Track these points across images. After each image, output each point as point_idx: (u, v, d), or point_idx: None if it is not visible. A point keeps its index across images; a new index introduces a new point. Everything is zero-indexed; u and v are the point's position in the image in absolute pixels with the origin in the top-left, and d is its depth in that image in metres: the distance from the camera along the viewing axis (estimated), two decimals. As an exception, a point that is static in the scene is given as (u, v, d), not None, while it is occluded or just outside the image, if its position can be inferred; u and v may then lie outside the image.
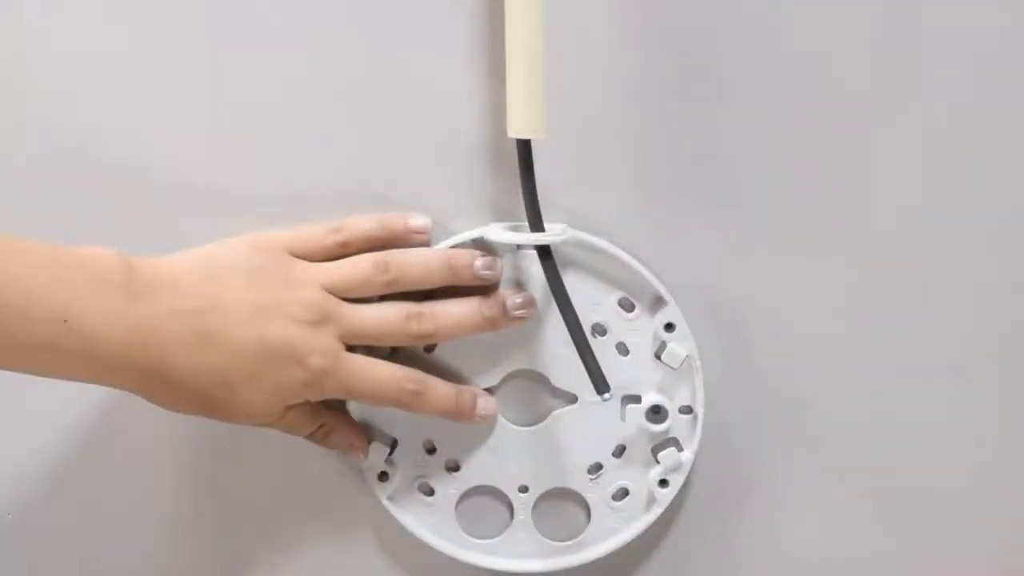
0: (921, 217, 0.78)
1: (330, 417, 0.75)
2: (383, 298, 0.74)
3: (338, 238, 0.73)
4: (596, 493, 0.79)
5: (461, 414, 0.76)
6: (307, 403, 0.73)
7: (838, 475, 0.81)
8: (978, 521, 0.81)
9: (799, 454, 0.80)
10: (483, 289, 0.75)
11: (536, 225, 0.73)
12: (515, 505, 0.79)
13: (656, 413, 0.77)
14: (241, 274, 0.70)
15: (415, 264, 0.73)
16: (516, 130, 0.72)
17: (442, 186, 0.76)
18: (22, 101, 0.75)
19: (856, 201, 0.78)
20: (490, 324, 0.74)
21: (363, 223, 0.74)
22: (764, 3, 0.75)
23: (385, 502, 0.78)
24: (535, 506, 0.79)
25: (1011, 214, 0.78)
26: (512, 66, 0.71)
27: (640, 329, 0.77)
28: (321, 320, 0.71)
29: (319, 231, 0.74)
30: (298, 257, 0.73)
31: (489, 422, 0.77)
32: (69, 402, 0.78)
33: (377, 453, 0.77)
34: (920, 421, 0.80)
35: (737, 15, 0.75)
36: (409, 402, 0.73)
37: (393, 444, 0.78)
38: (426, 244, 0.75)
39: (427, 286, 0.74)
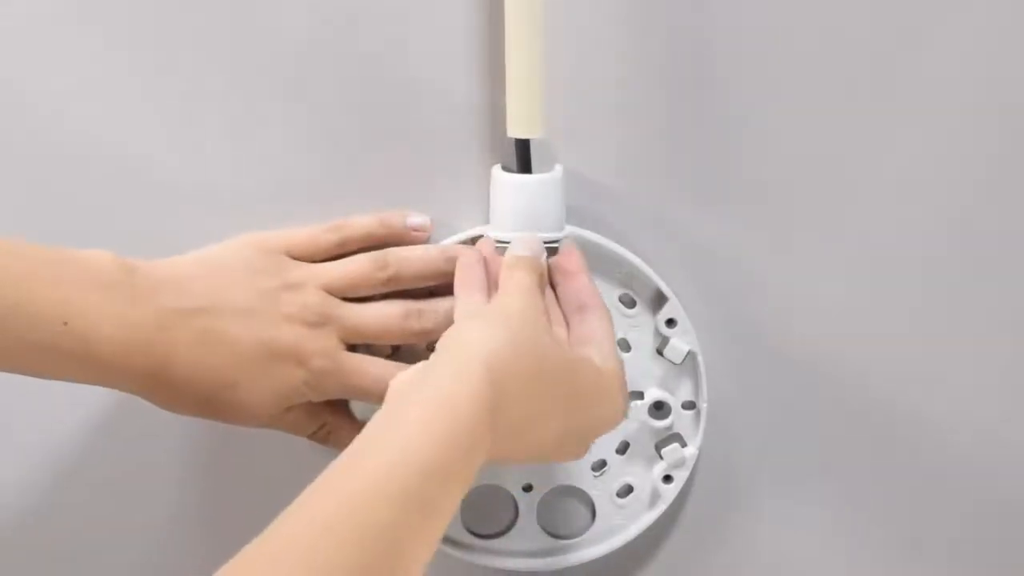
0: (926, 210, 0.78)
1: (332, 416, 0.75)
2: (384, 298, 0.74)
3: (336, 237, 0.73)
4: (600, 490, 0.79)
5: None
6: (308, 403, 0.73)
7: (843, 470, 0.81)
8: (979, 515, 0.82)
9: (803, 448, 0.80)
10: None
11: None
12: (519, 503, 0.79)
13: (659, 409, 0.77)
14: (241, 275, 0.70)
15: (413, 260, 0.73)
16: (515, 130, 0.72)
17: (442, 186, 0.76)
18: (19, 101, 0.75)
19: (860, 194, 0.77)
20: (490, 320, 0.74)
21: (361, 222, 0.74)
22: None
23: (389, 502, 0.78)
24: (539, 504, 0.79)
25: (1018, 207, 0.78)
26: (511, 65, 0.71)
27: (641, 325, 0.77)
28: (321, 321, 0.71)
29: (317, 231, 0.74)
30: (297, 258, 0.73)
31: None
32: (71, 404, 0.78)
33: (381, 453, 0.77)
34: (926, 413, 0.80)
35: (738, 10, 0.74)
36: None
37: (397, 444, 0.78)
38: (425, 242, 0.75)
39: (427, 282, 0.74)
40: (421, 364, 0.62)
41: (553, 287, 0.72)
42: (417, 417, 0.56)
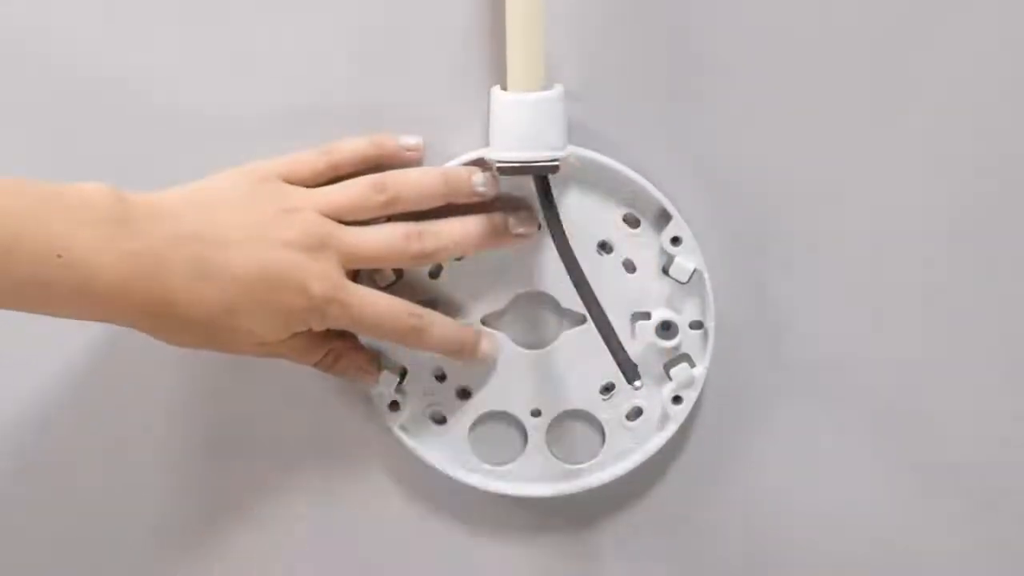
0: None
1: (338, 342, 0.74)
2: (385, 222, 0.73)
3: (329, 159, 0.73)
4: (609, 413, 0.78)
5: (462, 352, 0.75)
6: (313, 330, 0.72)
7: (852, 387, 0.80)
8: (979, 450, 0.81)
9: (811, 367, 0.80)
10: (483, 208, 0.74)
11: None
12: (528, 429, 0.78)
13: (666, 329, 0.76)
14: (237, 202, 0.70)
15: (412, 182, 0.72)
16: (516, 85, 0.72)
17: (440, 109, 0.75)
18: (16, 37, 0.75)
19: (875, 109, 0.76)
20: (491, 241, 0.74)
21: (353, 143, 0.74)
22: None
23: (398, 432, 0.78)
24: (549, 429, 0.78)
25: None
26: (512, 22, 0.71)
27: (646, 244, 0.76)
28: (320, 245, 0.70)
29: (310, 155, 0.73)
30: (292, 184, 0.72)
31: (490, 363, 0.77)
32: (63, 346, 0.78)
33: (387, 382, 0.76)
34: (931, 342, 0.80)
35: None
36: (409, 336, 0.73)
37: (403, 373, 0.77)
38: (419, 163, 0.75)
39: (426, 205, 0.73)
40: None
41: None
42: None
